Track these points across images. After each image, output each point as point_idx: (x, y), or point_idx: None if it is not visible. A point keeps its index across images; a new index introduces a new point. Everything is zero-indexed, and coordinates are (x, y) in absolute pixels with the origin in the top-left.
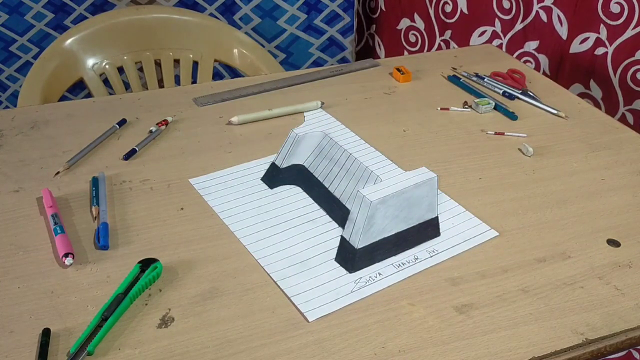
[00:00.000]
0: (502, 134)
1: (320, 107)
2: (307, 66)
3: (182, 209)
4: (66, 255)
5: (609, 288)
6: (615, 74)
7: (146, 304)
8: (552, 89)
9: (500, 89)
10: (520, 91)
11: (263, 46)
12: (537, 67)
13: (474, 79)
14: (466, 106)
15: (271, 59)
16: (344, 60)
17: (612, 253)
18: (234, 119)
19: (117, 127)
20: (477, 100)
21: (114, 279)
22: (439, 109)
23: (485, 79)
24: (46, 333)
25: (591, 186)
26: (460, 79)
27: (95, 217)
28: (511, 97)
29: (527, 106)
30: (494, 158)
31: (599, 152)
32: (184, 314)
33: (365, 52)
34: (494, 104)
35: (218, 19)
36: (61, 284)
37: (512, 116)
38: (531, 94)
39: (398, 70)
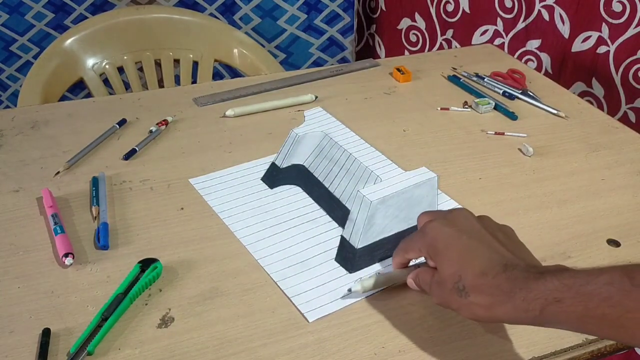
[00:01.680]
0: (502, 134)
1: (314, 100)
2: (307, 66)
3: (182, 209)
4: (66, 255)
5: None
6: (617, 72)
7: (146, 304)
8: (552, 89)
9: (500, 89)
10: (520, 91)
11: (263, 46)
12: (539, 66)
13: (474, 79)
14: (466, 106)
15: (271, 59)
16: (344, 60)
17: (612, 253)
18: (229, 112)
19: (117, 127)
20: (477, 100)
21: (114, 279)
22: (439, 109)
23: (485, 79)
24: (46, 333)
25: (591, 186)
26: (460, 79)
27: (95, 217)
28: (511, 97)
29: (527, 106)
30: (494, 158)
31: (599, 152)
32: (184, 314)
33: (366, 52)
34: (494, 104)
35: (218, 19)
36: (61, 284)
37: (512, 116)
38: (531, 94)
39: (398, 70)
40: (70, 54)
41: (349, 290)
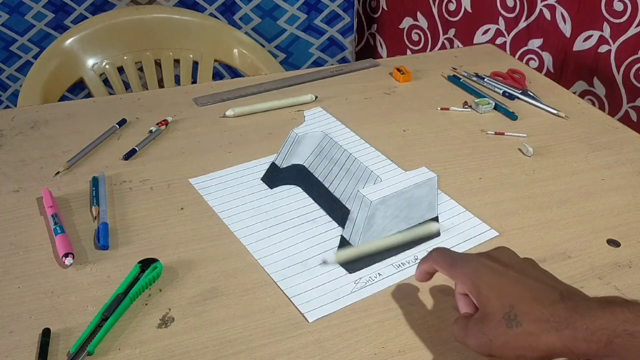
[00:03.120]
0: (502, 134)
1: (314, 100)
2: (307, 66)
3: (182, 209)
4: (66, 255)
5: (609, 288)
6: (618, 71)
7: (146, 304)
8: (552, 89)
9: (500, 89)
10: (520, 91)
11: (263, 46)
12: (541, 65)
13: (474, 79)
14: (466, 106)
15: (271, 59)
16: (344, 60)
17: (612, 253)
18: (229, 112)
19: (117, 127)
20: (477, 100)
21: (114, 279)
22: (439, 109)
23: (485, 79)
24: (46, 333)
25: (591, 186)
26: (460, 79)
27: (95, 217)
28: (511, 97)
29: (527, 106)
30: (494, 158)
31: (599, 152)
32: (184, 314)
33: (366, 52)
34: (494, 104)
35: (218, 19)
36: (61, 284)
37: (512, 116)
38: (531, 94)
39: (398, 70)
40: (70, 54)
41: (324, 261)
